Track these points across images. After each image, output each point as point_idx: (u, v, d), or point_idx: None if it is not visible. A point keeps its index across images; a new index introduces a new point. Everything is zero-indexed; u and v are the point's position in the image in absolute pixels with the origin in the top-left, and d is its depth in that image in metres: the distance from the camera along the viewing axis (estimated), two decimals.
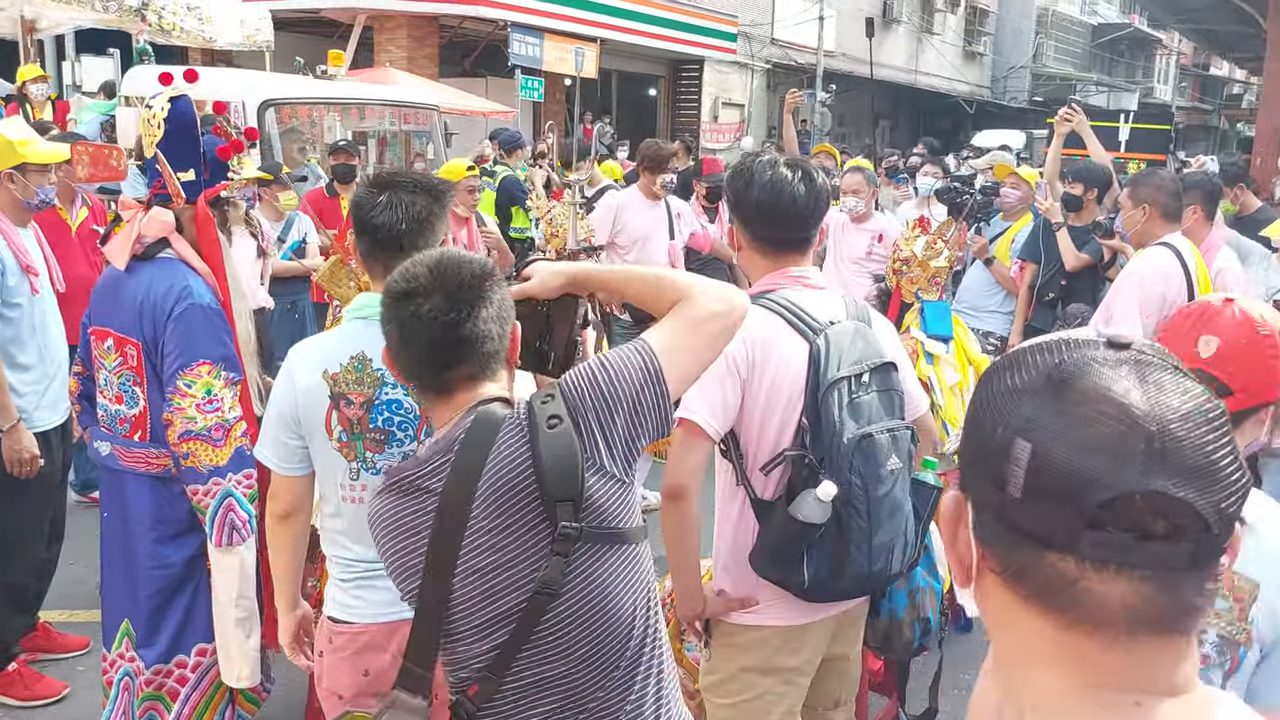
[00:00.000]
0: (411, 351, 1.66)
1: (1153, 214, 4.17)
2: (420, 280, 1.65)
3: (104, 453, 2.93)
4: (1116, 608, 0.76)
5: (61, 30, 10.01)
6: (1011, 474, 0.78)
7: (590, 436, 1.58)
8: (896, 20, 29.11)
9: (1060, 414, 0.77)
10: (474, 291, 1.65)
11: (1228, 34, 22.45)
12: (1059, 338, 0.84)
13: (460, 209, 5.70)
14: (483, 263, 1.72)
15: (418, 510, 1.63)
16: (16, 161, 3.53)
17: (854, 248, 5.55)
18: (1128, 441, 0.74)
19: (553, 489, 1.55)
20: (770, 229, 2.40)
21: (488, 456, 1.58)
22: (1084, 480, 0.74)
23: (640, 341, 1.64)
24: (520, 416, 1.61)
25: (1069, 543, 0.76)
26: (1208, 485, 0.75)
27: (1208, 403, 0.78)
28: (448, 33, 17.76)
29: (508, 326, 1.70)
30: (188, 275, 2.74)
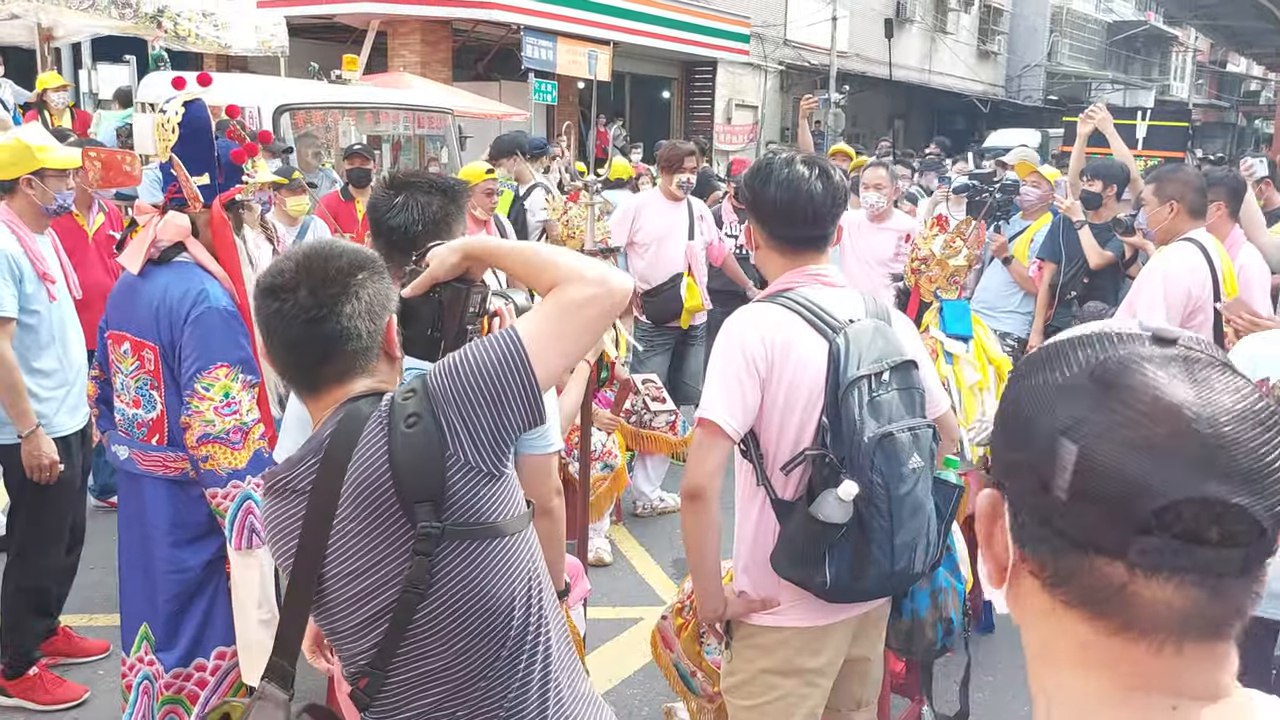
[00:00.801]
0: (277, 349, 1.65)
1: (1179, 210, 4.13)
2: (286, 275, 1.62)
3: (122, 457, 2.93)
4: (1165, 614, 0.74)
5: (79, 38, 10.06)
6: (1057, 476, 0.75)
7: (452, 432, 1.54)
8: (910, 20, 29.02)
9: (1108, 414, 0.74)
10: (340, 286, 1.61)
11: (1246, 30, 22.32)
12: (1101, 330, 0.81)
13: (479, 211, 5.70)
14: (355, 255, 1.67)
15: (291, 513, 1.62)
16: (35, 167, 3.54)
17: (879, 249, 5.47)
18: (1180, 444, 0.72)
19: (409, 490, 1.53)
20: (788, 227, 2.38)
21: (351, 456, 1.56)
22: (1135, 485, 0.72)
23: (509, 329, 1.60)
24: (382, 414, 1.57)
25: (1118, 548, 0.73)
26: (1263, 489, 0.72)
27: (1260, 401, 0.75)
28: (461, 37, 17.81)
29: (380, 321, 1.66)
30: (204, 279, 2.74)
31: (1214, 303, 4.08)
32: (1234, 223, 4.58)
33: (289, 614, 1.65)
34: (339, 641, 1.66)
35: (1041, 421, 0.78)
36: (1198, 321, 4.09)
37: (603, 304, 1.63)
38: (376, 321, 1.66)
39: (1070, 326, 3.22)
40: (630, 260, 6.07)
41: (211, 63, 15.93)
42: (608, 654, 4.18)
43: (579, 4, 17.83)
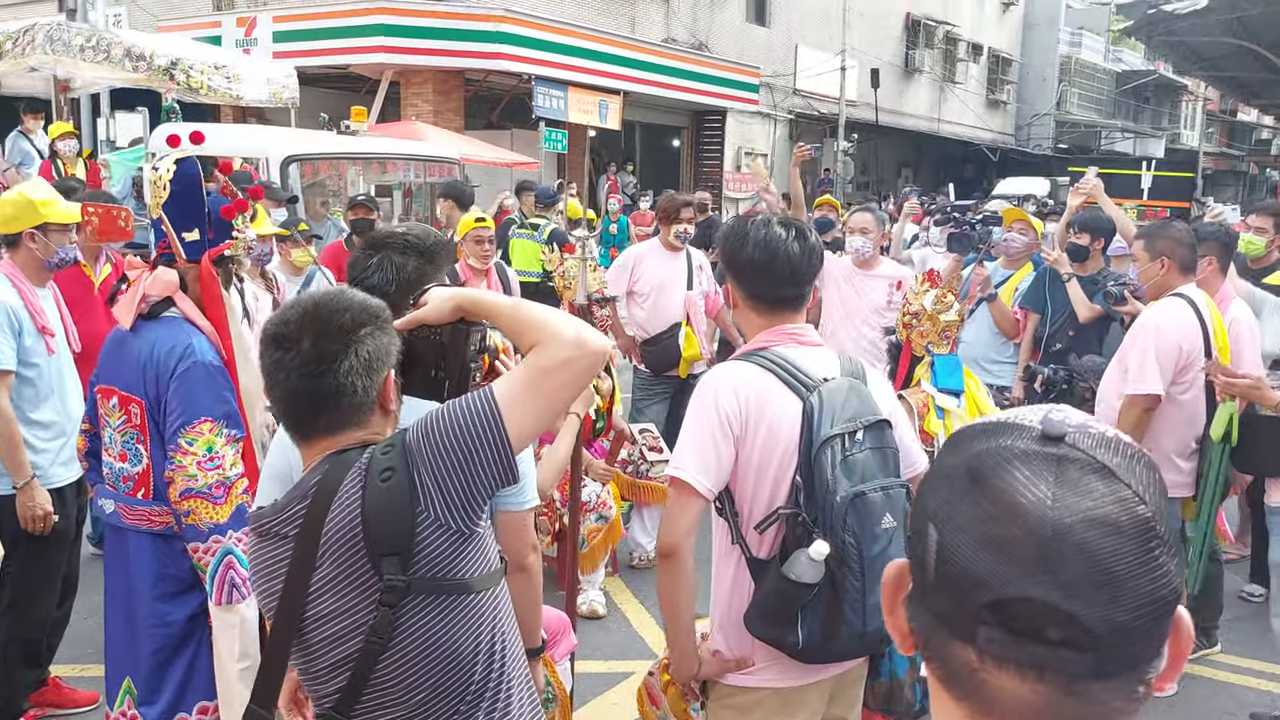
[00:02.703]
0: (275, 396, 1.69)
1: (1170, 266, 4.15)
2: (290, 325, 1.67)
3: (108, 510, 2.95)
4: (1013, 704, 0.76)
5: (95, 89, 10.26)
6: (926, 558, 0.79)
7: (424, 488, 1.58)
8: (919, 70, 29.32)
9: (967, 506, 0.77)
10: (341, 342, 1.65)
11: (1251, 80, 22.44)
12: (1001, 420, 0.83)
13: (473, 260, 5.74)
14: (361, 309, 1.71)
15: (276, 556, 1.66)
16: (38, 221, 3.60)
17: (872, 296, 5.44)
18: (1020, 545, 0.73)
19: (378, 543, 1.56)
20: (765, 286, 2.41)
21: (331, 507, 1.60)
22: (975, 578, 0.75)
23: (486, 390, 1.64)
24: (361, 466, 1.61)
25: (967, 634, 0.76)
26: (1099, 597, 0.72)
27: (1124, 511, 0.74)
28: (473, 86, 18.07)
29: (378, 376, 1.70)
30: (191, 334, 2.77)
31: (1205, 358, 4.08)
32: (1224, 277, 4.59)
33: (270, 659, 1.68)
34: (310, 682, 1.69)
35: (923, 503, 0.82)
36: (1189, 376, 4.09)
37: (578, 366, 1.66)
38: (374, 377, 1.70)
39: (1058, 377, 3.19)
40: (629, 309, 6.11)
41: (228, 112, 16.20)
42: (598, 709, 4.15)
43: (590, 54, 18.09)
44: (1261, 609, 5.28)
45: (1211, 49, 20.33)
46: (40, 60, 8.76)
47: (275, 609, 1.65)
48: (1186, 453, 4.15)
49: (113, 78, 8.92)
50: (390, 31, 16.17)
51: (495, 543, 1.74)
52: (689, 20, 21.61)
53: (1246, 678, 4.58)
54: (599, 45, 18.40)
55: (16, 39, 8.92)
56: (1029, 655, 0.74)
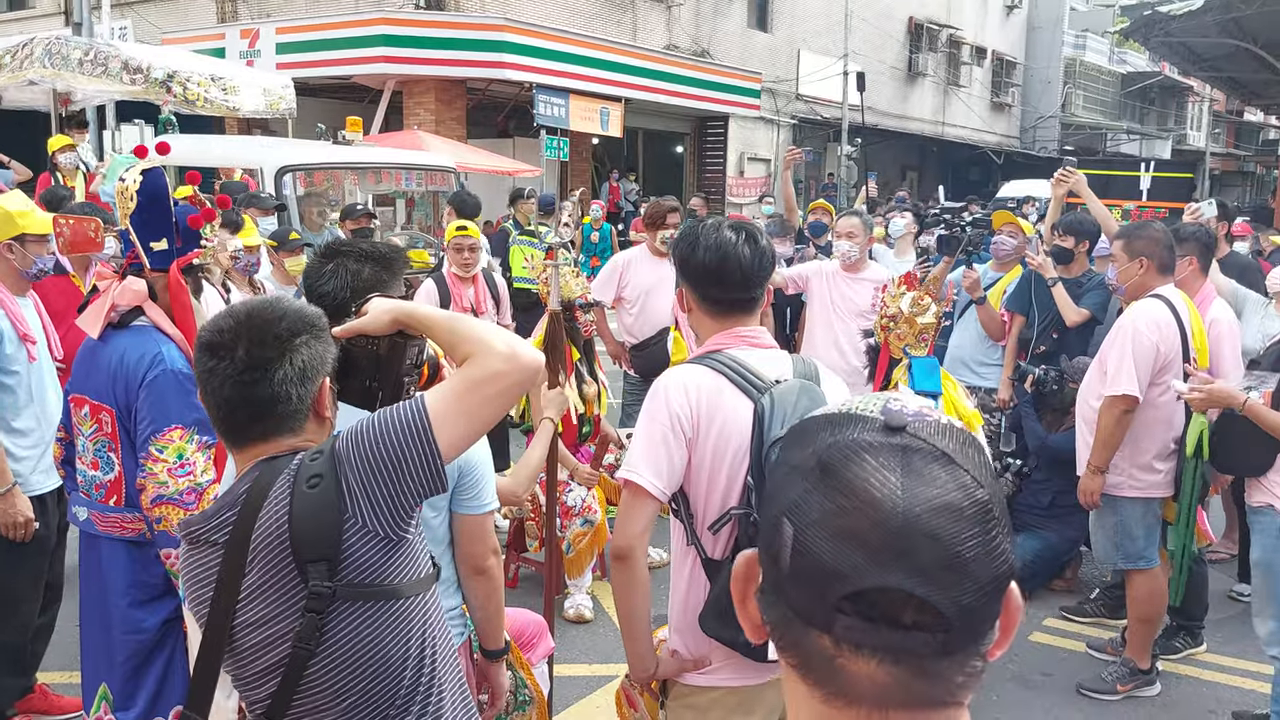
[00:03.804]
0: (209, 403, 1.70)
1: (1149, 267, 4.15)
2: (225, 334, 1.68)
3: (81, 518, 2.99)
4: (870, 687, 0.78)
5: (95, 102, 10.35)
6: (781, 552, 0.80)
7: (351, 495, 1.58)
8: (922, 74, 29.31)
9: (821, 500, 0.79)
10: (276, 350, 1.66)
11: (1252, 81, 22.36)
12: (844, 410, 0.85)
13: (455, 269, 5.76)
14: (296, 317, 1.71)
15: (206, 563, 1.67)
16: (15, 232, 3.64)
17: (855, 300, 5.45)
18: (873, 535, 0.76)
19: (304, 550, 1.57)
20: (718, 289, 2.42)
21: (260, 513, 1.61)
22: (832, 570, 0.76)
23: (418, 399, 1.65)
24: (290, 472, 1.62)
25: (824, 624, 0.78)
26: (949, 581, 0.75)
27: (971, 496, 0.78)
28: (475, 95, 18.15)
29: (313, 384, 1.71)
30: (160, 342, 2.81)
31: (1184, 359, 4.08)
32: (1204, 277, 4.59)
33: (202, 665, 1.68)
34: (242, 687, 1.70)
35: (776, 497, 0.83)
36: (1168, 378, 4.09)
37: (509, 379, 1.68)
38: (309, 385, 1.70)
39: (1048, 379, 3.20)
40: (618, 315, 6.14)
41: (231, 123, 16.31)
42: (582, 711, 4.16)
43: (591, 62, 18.16)
44: (1249, 609, 5.28)
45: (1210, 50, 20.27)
46: (38, 74, 8.84)
47: (206, 616, 1.66)
48: (1165, 454, 4.15)
49: (111, 91, 9.01)
50: (392, 42, 16.28)
51: (425, 548, 1.75)
52: (691, 27, 21.67)
53: (1232, 677, 4.58)
54: (600, 53, 18.47)
55: (15, 53, 9.01)
56: (885, 641, 0.76)
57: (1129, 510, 4.19)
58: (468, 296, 5.79)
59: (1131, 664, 4.35)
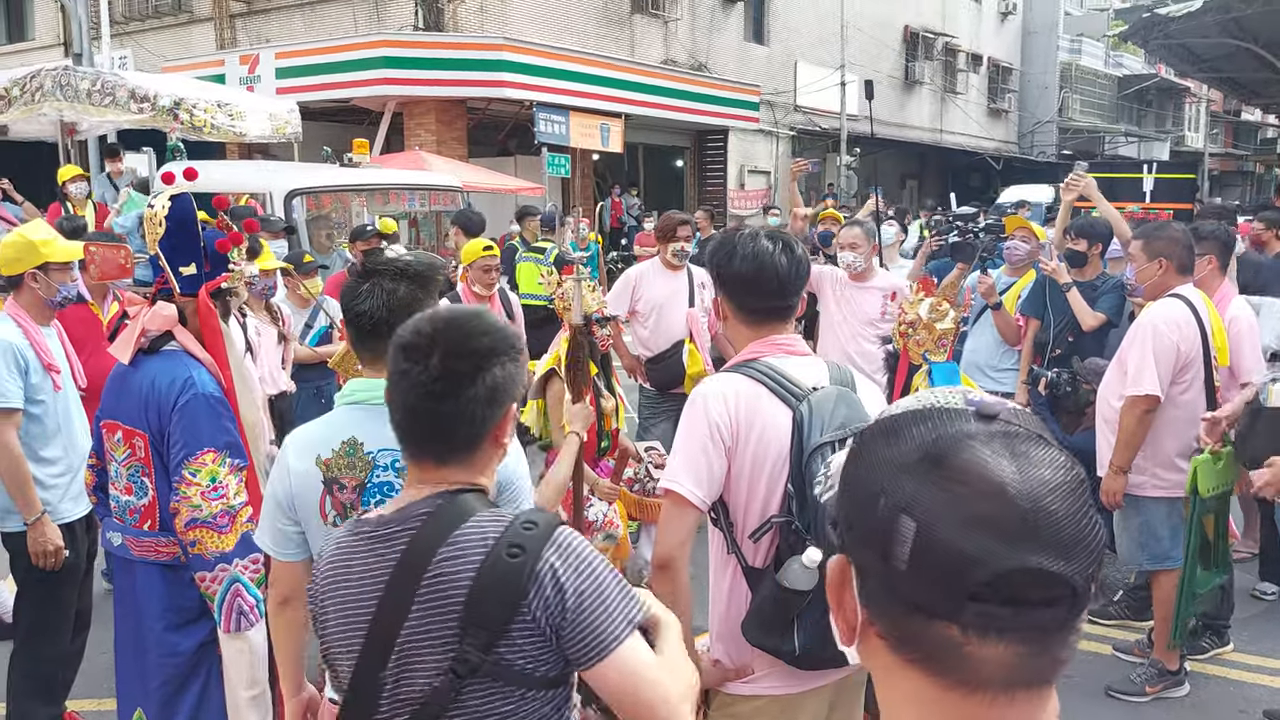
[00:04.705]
0: (394, 408, 1.66)
1: (1168, 267, 4.17)
2: (422, 337, 1.63)
3: (116, 543, 3.00)
4: (996, 670, 0.80)
5: (101, 131, 10.41)
6: (897, 548, 0.81)
7: (540, 590, 1.53)
8: (919, 82, 29.41)
9: (940, 491, 0.80)
10: (470, 364, 1.61)
11: (1252, 81, 22.43)
12: (931, 404, 0.87)
13: (478, 288, 5.80)
14: (495, 338, 1.65)
15: (364, 568, 1.62)
16: (39, 261, 3.67)
17: (865, 308, 5.47)
18: (1004, 519, 0.78)
19: (472, 611, 1.53)
20: (754, 298, 2.44)
21: (439, 550, 1.57)
22: (965, 559, 0.77)
23: (641, 637, 1.59)
24: (492, 527, 1.57)
25: (952, 613, 0.79)
26: (1076, 554, 0.78)
27: (1072, 471, 0.82)
28: (475, 115, 18.22)
29: (498, 409, 1.64)
30: (191, 366, 2.82)
31: (1204, 358, 4.09)
32: (1223, 276, 4.60)
33: (359, 689, 1.61)
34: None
35: (882, 495, 0.83)
36: (1189, 377, 4.09)
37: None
38: (495, 408, 1.64)
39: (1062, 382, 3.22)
40: (633, 329, 6.16)
41: (233, 149, 16.37)
42: None
43: (590, 79, 18.23)
44: (1274, 607, 5.27)
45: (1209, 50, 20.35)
46: (51, 107, 8.90)
47: (362, 636, 1.60)
48: (1188, 453, 4.15)
49: (119, 120, 9.07)
50: (391, 63, 16.36)
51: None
52: (688, 41, 21.76)
53: (1260, 676, 4.56)
54: (599, 69, 18.55)
55: (24, 85, 9.06)
56: (1021, 621, 0.78)
57: (1153, 510, 4.18)
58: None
59: (1160, 665, 4.34)
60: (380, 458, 2.25)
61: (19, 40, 24.24)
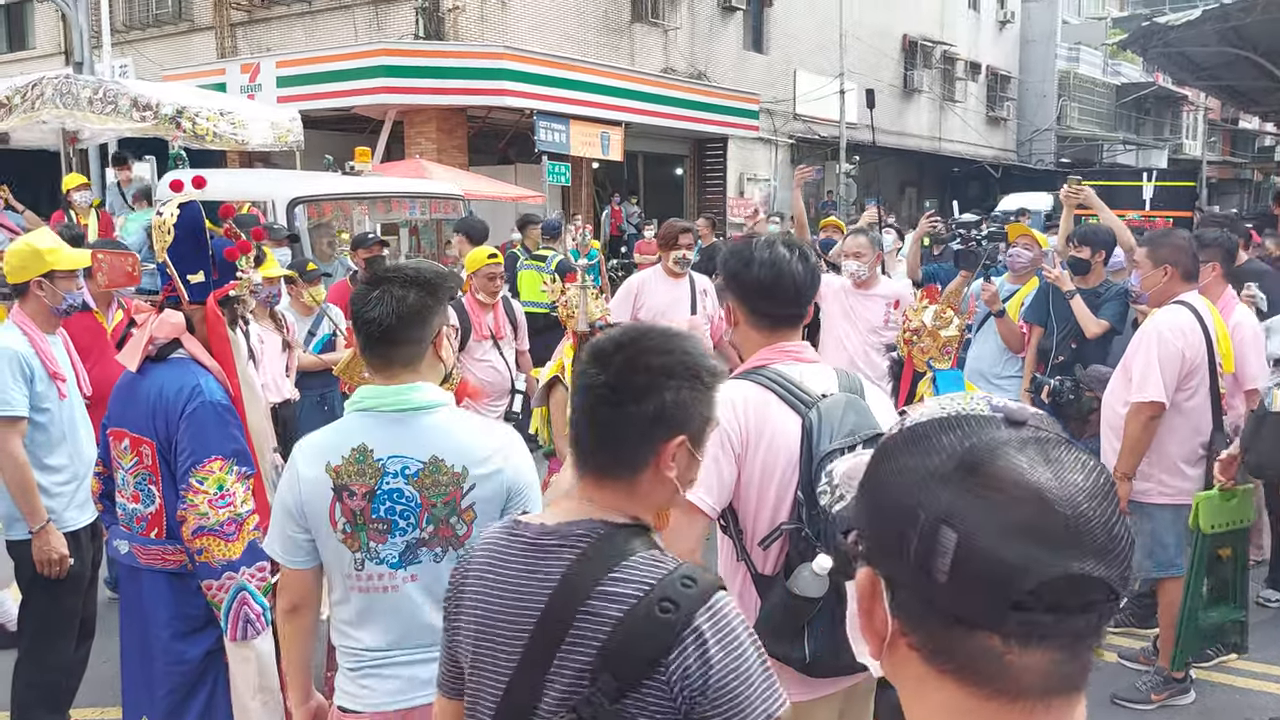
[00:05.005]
0: (572, 410, 1.65)
1: (1173, 274, 4.18)
2: (611, 344, 1.61)
3: (123, 551, 2.99)
4: (1035, 678, 0.80)
5: (102, 140, 10.42)
6: (937, 560, 0.79)
7: (685, 655, 1.47)
8: (918, 90, 29.47)
9: (979, 500, 0.79)
10: (644, 380, 1.57)
11: (1251, 89, 22.48)
12: (958, 413, 0.86)
13: (482, 295, 5.81)
14: (684, 359, 1.60)
15: (526, 580, 1.58)
16: (44, 269, 3.67)
17: (868, 316, 5.48)
18: (1046, 526, 0.77)
19: (610, 660, 1.48)
20: (771, 305, 2.45)
21: (598, 586, 1.52)
22: (1010, 568, 0.77)
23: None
24: (649, 576, 1.51)
25: (995, 622, 0.79)
26: (1114, 558, 0.78)
27: (1103, 474, 0.82)
28: (475, 123, 18.24)
29: (662, 434, 1.57)
30: (199, 374, 2.82)
31: (1209, 364, 4.10)
32: (1227, 284, 4.61)
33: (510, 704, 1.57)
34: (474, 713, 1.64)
35: (918, 507, 0.81)
36: (1194, 383, 4.10)
37: None
38: (660, 430, 1.58)
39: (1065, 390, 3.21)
40: None
41: (234, 157, 16.39)
42: None
43: (590, 87, 18.26)
44: (1277, 614, 5.26)
45: (1208, 58, 20.40)
46: (52, 114, 8.92)
47: (509, 646, 1.58)
48: (1194, 459, 4.15)
49: (121, 128, 9.08)
50: (392, 72, 16.37)
51: None
52: (687, 50, 21.80)
53: (1266, 683, 4.56)
54: (599, 78, 18.58)
55: (25, 93, 9.08)
56: (1063, 628, 0.78)
57: (1160, 518, 4.19)
58: (487, 323, 5.82)
59: (1165, 672, 4.33)
60: (390, 464, 2.25)
61: (19, 49, 24.27)
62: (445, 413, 2.31)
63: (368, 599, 2.30)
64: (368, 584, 2.29)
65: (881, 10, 27.47)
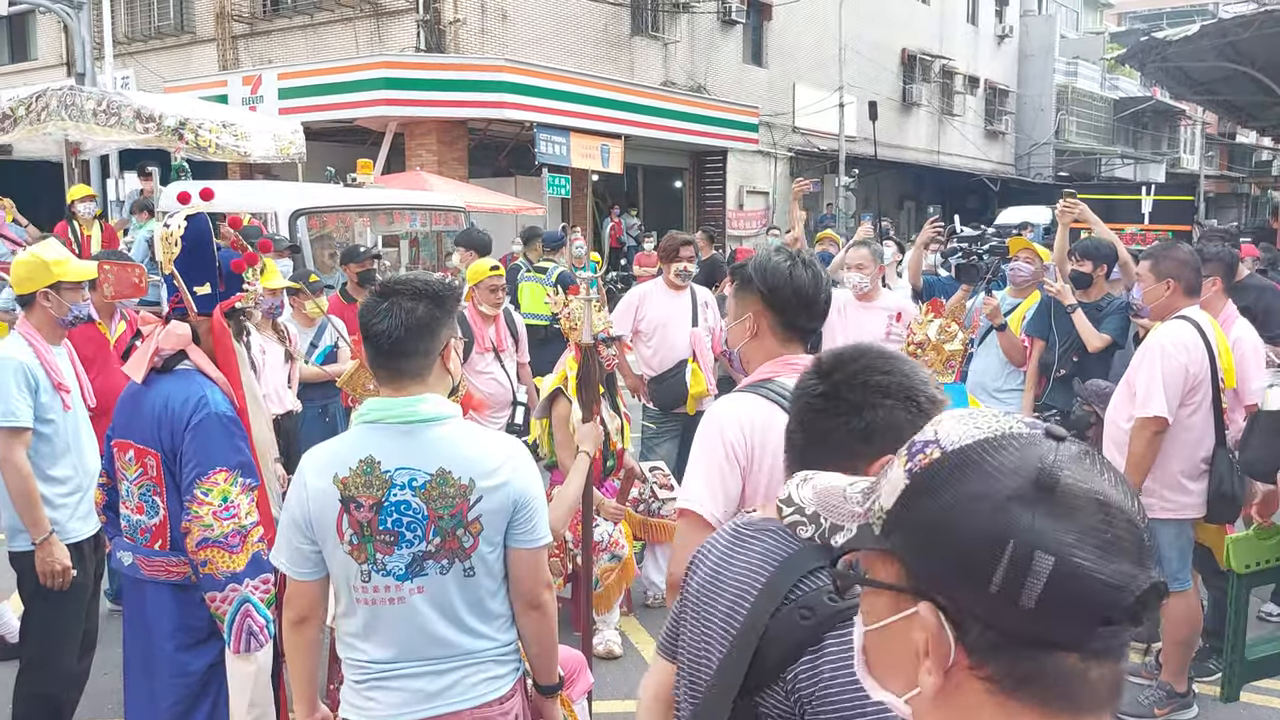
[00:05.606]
0: (790, 419, 1.72)
1: (1176, 288, 4.18)
2: (831, 361, 1.66)
3: (126, 563, 2.99)
4: (1105, 692, 0.81)
5: (105, 151, 10.45)
6: (1028, 587, 0.77)
7: (799, 673, 1.45)
8: (916, 104, 29.57)
9: (1065, 521, 0.78)
10: (859, 396, 1.59)
11: (1248, 104, 22.59)
12: (1001, 432, 0.84)
13: (484, 307, 5.82)
14: (914, 383, 1.61)
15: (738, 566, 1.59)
16: (51, 280, 3.67)
17: (870, 328, 5.49)
18: (1128, 540, 0.78)
19: (760, 661, 1.47)
20: (806, 318, 2.46)
21: (776, 602, 1.50)
22: (1107, 586, 0.76)
23: None
24: (803, 586, 1.49)
25: (1080, 642, 0.78)
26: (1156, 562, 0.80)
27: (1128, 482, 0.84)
28: (476, 135, 18.29)
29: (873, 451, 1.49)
30: (204, 385, 2.82)
31: (1211, 380, 4.11)
32: (1227, 299, 4.62)
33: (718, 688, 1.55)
34: None
35: (1001, 535, 0.79)
36: (1197, 399, 4.10)
37: None
38: (864, 448, 1.54)
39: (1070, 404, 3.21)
40: (636, 348, 6.17)
41: (235, 167, 16.43)
42: None
43: (590, 100, 18.32)
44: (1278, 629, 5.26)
45: (1206, 73, 20.50)
46: (56, 126, 8.94)
47: (725, 654, 1.55)
48: (1195, 474, 4.16)
49: (124, 139, 9.11)
50: (393, 85, 16.43)
51: None
52: (687, 63, 21.88)
53: (1269, 698, 4.55)
54: (599, 91, 18.65)
55: (30, 105, 9.10)
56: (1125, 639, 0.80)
57: (1162, 532, 4.18)
58: (489, 336, 5.83)
59: (1168, 687, 4.33)
60: (397, 476, 2.25)
61: (22, 60, 24.34)
62: (453, 425, 2.31)
63: (374, 611, 2.30)
64: (374, 596, 2.29)
65: (880, 24, 27.59)
